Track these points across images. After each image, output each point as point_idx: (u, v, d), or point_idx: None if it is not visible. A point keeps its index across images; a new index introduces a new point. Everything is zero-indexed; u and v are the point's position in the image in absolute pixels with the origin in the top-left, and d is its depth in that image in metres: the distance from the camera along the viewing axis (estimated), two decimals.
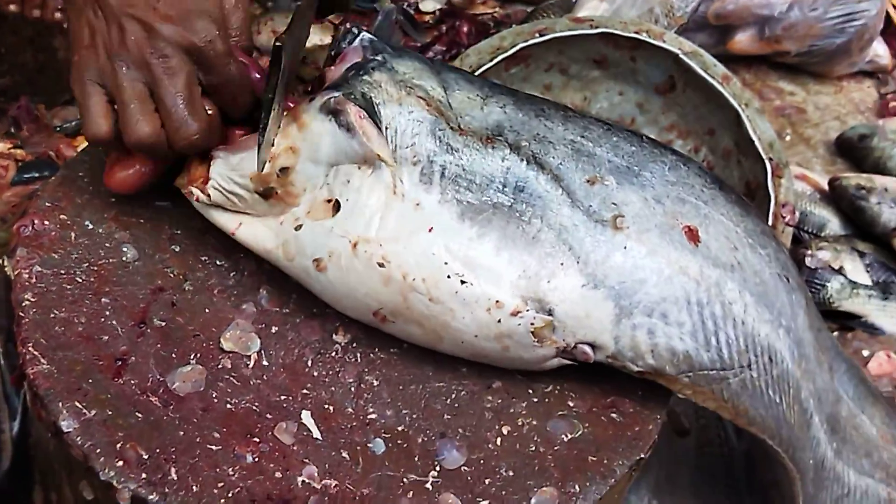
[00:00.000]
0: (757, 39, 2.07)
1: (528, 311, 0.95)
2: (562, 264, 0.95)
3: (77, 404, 0.91)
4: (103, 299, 1.00)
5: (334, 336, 1.02)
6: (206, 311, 1.02)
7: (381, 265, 0.94)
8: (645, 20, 1.88)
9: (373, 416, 0.97)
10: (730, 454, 1.27)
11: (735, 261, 1.01)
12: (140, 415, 0.92)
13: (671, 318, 0.97)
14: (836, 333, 1.69)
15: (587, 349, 0.97)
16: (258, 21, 2.04)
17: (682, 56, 1.63)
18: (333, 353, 1.01)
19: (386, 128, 0.96)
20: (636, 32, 1.64)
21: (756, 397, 1.00)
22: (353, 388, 0.98)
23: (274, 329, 1.01)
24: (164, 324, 1.00)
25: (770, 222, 1.57)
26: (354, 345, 1.02)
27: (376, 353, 1.01)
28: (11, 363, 1.25)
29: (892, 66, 2.19)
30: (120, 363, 0.96)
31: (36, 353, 0.95)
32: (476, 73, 1.61)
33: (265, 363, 0.99)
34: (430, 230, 0.94)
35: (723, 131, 1.67)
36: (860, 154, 1.98)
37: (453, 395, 1.00)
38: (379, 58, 1.01)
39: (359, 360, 1.01)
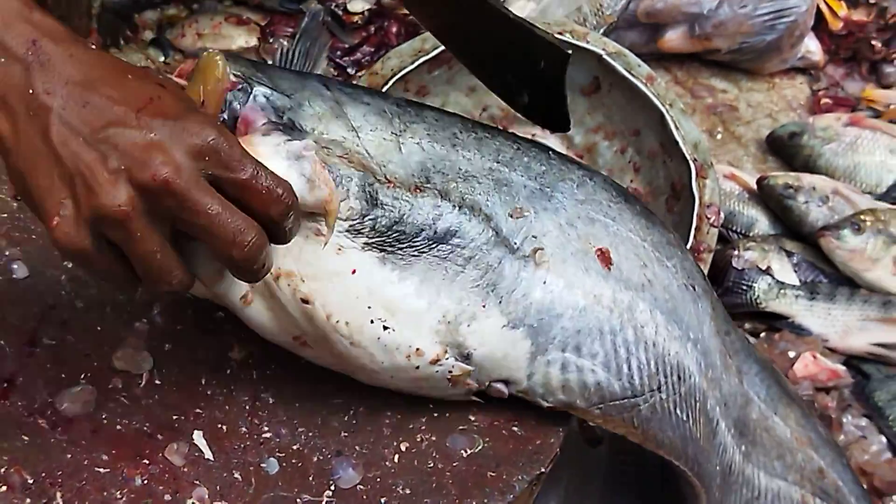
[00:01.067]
0: (687, 37, 2.07)
1: (447, 359, 0.93)
2: (483, 306, 0.93)
3: None
4: None
5: (230, 353, 1.00)
6: (98, 329, 1.00)
7: (304, 301, 0.90)
8: (573, 19, 1.87)
9: (267, 434, 0.95)
10: (643, 462, 1.26)
11: (646, 279, 1.00)
12: (26, 437, 0.90)
13: (584, 350, 0.96)
14: (762, 334, 1.69)
15: (501, 387, 0.96)
16: (183, 24, 2.02)
17: (605, 57, 1.62)
18: (228, 371, 0.99)
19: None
20: (559, 33, 1.62)
21: (665, 420, 0.99)
22: (247, 407, 0.97)
23: (167, 346, 0.99)
24: (54, 342, 0.98)
25: (695, 223, 1.57)
26: (250, 362, 1.00)
27: (273, 370, 1.00)
28: None
29: (824, 62, 2.19)
30: (7, 385, 0.94)
31: None
32: (398, 76, 1.60)
33: (157, 382, 0.97)
34: (352, 272, 0.91)
35: (648, 132, 1.66)
36: (790, 152, 1.98)
37: (351, 412, 0.98)
38: (285, 121, 0.92)
39: (254, 377, 0.99)
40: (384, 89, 1.57)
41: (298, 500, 0.91)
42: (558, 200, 0.99)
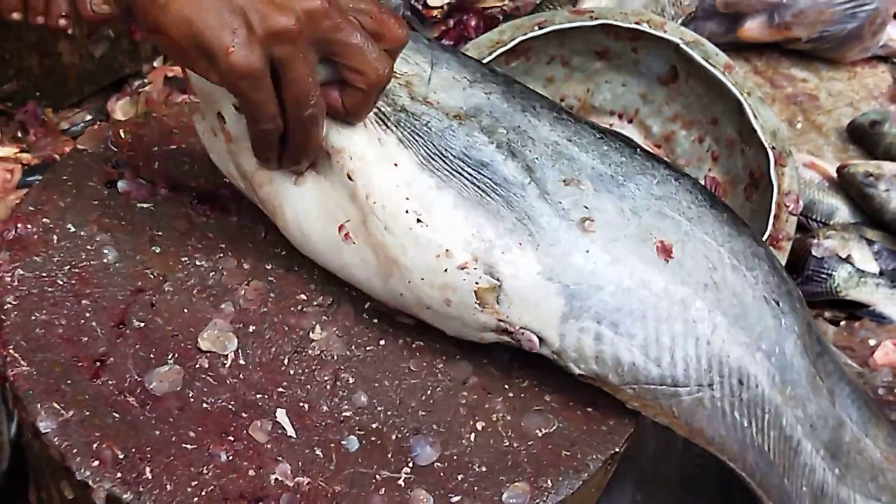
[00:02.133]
0: (767, 27, 2.05)
1: (475, 269, 0.94)
2: (520, 244, 0.95)
3: (55, 405, 0.93)
4: (83, 301, 1.01)
5: (311, 334, 1.03)
6: (185, 311, 1.03)
7: (350, 178, 0.96)
8: (651, 10, 1.87)
9: (347, 413, 0.97)
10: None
11: (711, 280, 1.00)
12: (117, 415, 0.94)
13: (622, 328, 0.96)
14: (842, 322, 1.67)
15: (533, 337, 0.96)
16: None
17: (683, 46, 1.62)
18: (310, 351, 1.02)
19: None
20: (636, 23, 1.63)
21: (716, 418, 0.99)
22: (328, 386, 0.99)
23: (252, 328, 1.02)
24: (143, 324, 1.01)
25: (773, 211, 1.56)
26: (331, 343, 1.02)
27: (352, 351, 1.02)
28: None
29: None
30: (99, 364, 0.97)
31: (16, 354, 0.96)
32: None
33: (242, 362, 1.00)
34: (394, 164, 0.96)
35: (726, 121, 1.66)
36: (872, 140, 1.95)
37: (429, 392, 1.00)
38: None
39: (335, 357, 1.01)
40: None
41: (377, 476, 0.93)
42: (629, 189, 1.00)
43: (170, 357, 0.99)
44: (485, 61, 1.60)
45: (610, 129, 1.07)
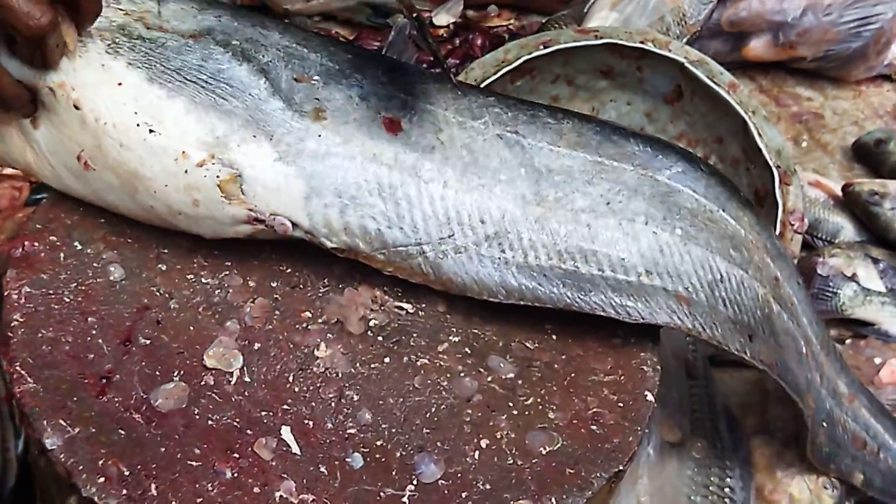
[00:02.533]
0: (772, 46, 2.06)
1: (213, 164, 1.01)
2: (254, 136, 1.03)
3: (61, 422, 0.93)
4: (90, 318, 1.02)
5: (316, 352, 1.03)
6: (191, 328, 1.03)
7: (76, 107, 1.02)
8: (655, 29, 1.88)
9: (352, 430, 0.98)
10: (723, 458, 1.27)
11: (437, 141, 1.09)
12: (123, 432, 0.94)
13: (361, 199, 1.05)
14: (848, 341, 1.67)
15: (284, 221, 1.04)
16: None
17: (687, 65, 1.63)
18: (315, 369, 1.02)
19: None
20: (641, 42, 1.64)
21: (461, 264, 1.06)
22: (333, 404, 1.00)
23: (257, 345, 1.03)
24: (148, 342, 1.01)
25: (778, 230, 1.57)
26: (336, 360, 1.03)
27: (357, 369, 1.02)
28: None
29: None
30: (105, 381, 0.97)
31: (23, 371, 0.96)
32: (481, 86, 1.63)
33: (247, 379, 1.00)
34: (118, 84, 1.03)
35: (731, 139, 1.66)
36: (877, 159, 1.96)
37: (433, 409, 1.00)
38: None
39: (339, 375, 1.02)
40: None
41: (382, 493, 0.93)
42: (356, 80, 1.10)
43: (175, 374, 0.99)
44: (490, 80, 1.62)
45: (332, 37, 1.21)
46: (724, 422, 1.38)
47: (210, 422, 0.96)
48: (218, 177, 1.01)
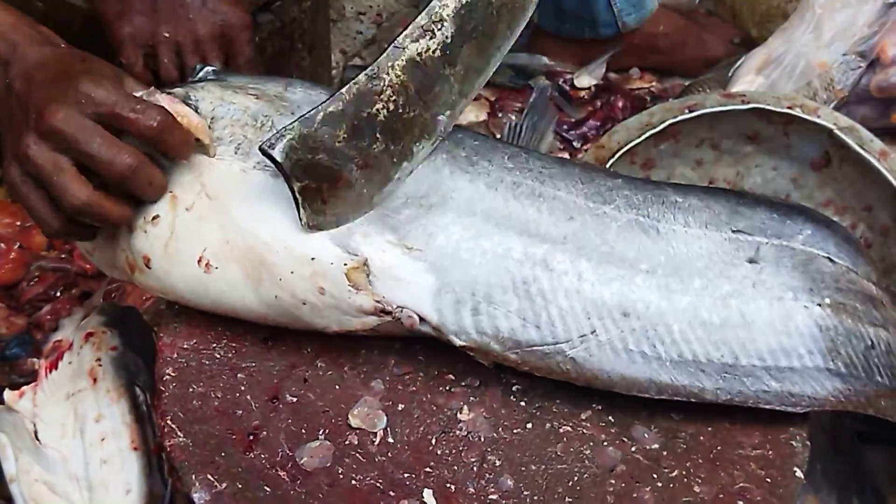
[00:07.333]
0: None
1: (341, 252, 1.01)
2: (379, 230, 1.03)
3: (209, 477, 0.95)
4: (239, 374, 1.04)
5: (459, 415, 1.03)
6: (336, 387, 1.05)
7: (208, 196, 1.04)
8: (803, 94, 1.85)
9: (494, 496, 0.97)
10: None
11: (570, 231, 1.06)
12: (268, 489, 0.95)
13: (495, 298, 1.02)
14: None
15: (412, 314, 1.02)
16: None
17: (836, 131, 1.60)
18: (458, 432, 1.02)
19: (202, 116, 1.08)
20: (789, 107, 1.61)
21: (608, 360, 1.02)
22: (475, 468, 0.99)
23: (400, 406, 1.03)
24: (295, 399, 1.03)
25: None
26: (478, 424, 1.03)
27: (499, 434, 1.02)
28: None
29: None
30: (252, 437, 0.99)
31: (173, 425, 0.99)
32: (625, 150, 1.62)
33: (390, 440, 1.01)
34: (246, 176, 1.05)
35: (881, 208, 1.62)
36: None
37: (576, 478, 0.99)
38: (210, 71, 1.19)
39: (482, 439, 1.02)
40: (610, 163, 1.59)
41: None
42: (482, 167, 1.09)
43: (321, 433, 1.01)
44: (634, 143, 1.61)
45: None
46: (871, 500, 1.33)
47: (353, 482, 0.97)
48: (346, 264, 1.01)
